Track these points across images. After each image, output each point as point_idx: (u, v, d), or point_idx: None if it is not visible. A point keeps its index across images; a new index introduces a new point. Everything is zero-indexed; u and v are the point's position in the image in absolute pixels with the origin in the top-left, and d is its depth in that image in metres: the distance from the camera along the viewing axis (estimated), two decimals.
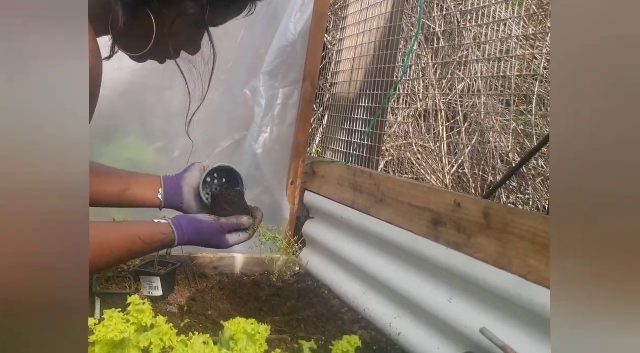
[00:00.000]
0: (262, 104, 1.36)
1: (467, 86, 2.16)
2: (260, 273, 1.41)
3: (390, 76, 1.14)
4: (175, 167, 1.47)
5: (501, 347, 0.69)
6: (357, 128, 1.25)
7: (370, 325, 1.08)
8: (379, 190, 1.10)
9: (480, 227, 0.84)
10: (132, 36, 0.75)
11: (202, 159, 1.48)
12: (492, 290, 0.79)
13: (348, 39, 1.37)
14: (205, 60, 0.84)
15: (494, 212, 0.81)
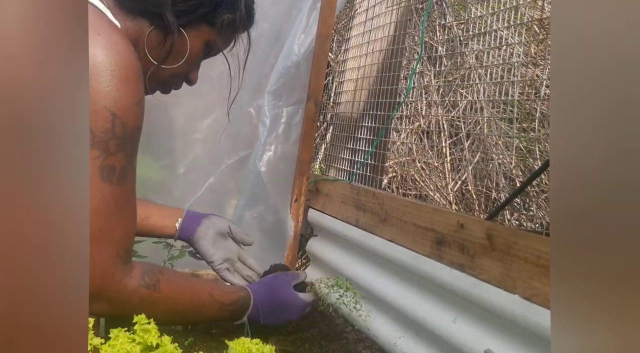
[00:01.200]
0: (266, 123, 1.38)
1: (470, 104, 2.18)
2: None
3: (393, 97, 1.16)
4: (181, 184, 1.49)
5: None
6: (360, 147, 1.26)
7: (374, 345, 1.08)
8: (382, 209, 1.11)
9: (483, 248, 0.84)
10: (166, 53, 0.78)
11: (207, 176, 1.50)
12: (497, 311, 0.79)
13: (351, 60, 1.39)
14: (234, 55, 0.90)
15: (497, 233, 0.81)
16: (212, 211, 1.54)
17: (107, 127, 0.66)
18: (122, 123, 0.67)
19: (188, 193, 1.47)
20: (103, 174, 0.66)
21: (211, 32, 0.83)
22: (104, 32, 0.67)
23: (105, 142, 0.66)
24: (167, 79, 0.86)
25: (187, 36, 0.81)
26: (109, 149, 0.67)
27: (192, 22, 0.80)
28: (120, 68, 0.66)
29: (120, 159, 0.68)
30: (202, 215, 1.05)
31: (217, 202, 1.55)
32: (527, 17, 1.37)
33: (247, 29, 0.88)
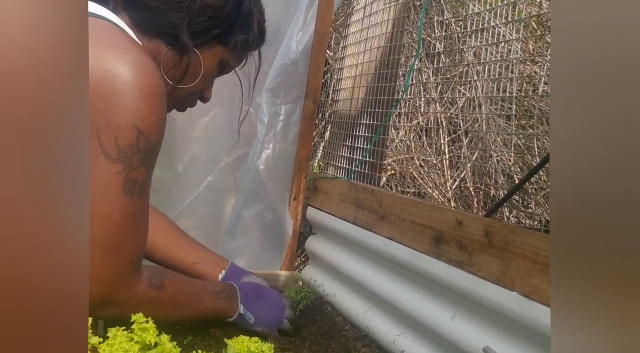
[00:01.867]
0: (264, 121, 1.38)
1: (468, 101, 2.18)
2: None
3: (391, 94, 1.16)
4: (180, 182, 1.49)
5: None
6: (359, 145, 1.26)
7: (373, 342, 1.08)
8: (381, 207, 1.11)
9: (482, 245, 0.84)
10: (182, 73, 0.81)
11: (206, 174, 1.50)
12: (496, 308, 0.79)
13: (349, 58, 1.39)
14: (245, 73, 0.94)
15: (496, 231, 0.81)
16: (211, 209, 1.54)
17: (132, 143, 0.68)
18: (146, 138, 0.70)
19: (187, 192, 1.47)
20: (126, 188, 0.69)
21: (225, 52, 0.86)
22: (132, 52, 0.69)
23: (130, 156, 0.69)
24: (183, 97, 0.89)
25: (201, 56, 0.83)
26: (133, 163, 0.69)
27: (206, 43, 0.82)
28: (148, 86, 0.69)
29: (141, 172, 0.71)
30: (243, 271, 1.13)
31: (215, 200, 1.55)
32: (525, 14, 1.36)
33: (259, 47, 0.92)
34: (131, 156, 0.69)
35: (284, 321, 1.05)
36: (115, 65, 0.67)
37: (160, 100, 0.72)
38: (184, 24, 0.78)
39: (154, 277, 0.79)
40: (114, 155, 0.67)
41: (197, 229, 1.47)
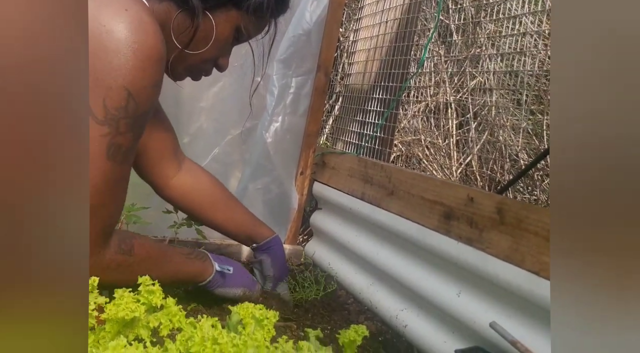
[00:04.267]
0: (274, 93, 1.36)
1: (479, 83, 2.14)
2: None
3: (405, 68, 1.13)
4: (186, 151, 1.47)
5: (511, 342, 0.69)
6: (370, 120, 1.24)
7: (376, 316, 1.08)
8: (390, 183, 1.10)
9: (493, 222, 0.83)
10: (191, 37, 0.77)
11: (212, 146, 1.48)
12: (504, 285, 0.78)
13: (364, 30, 1.36)
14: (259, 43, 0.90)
15: (508, 208, 0.80)
16: None
17: (121, 105, 0.65)
18: (136, 103, 0.66)
19: None
20: (109, 152, 0.66)
21: (240, 17, 0.81)
22: (132, 9, 0.66)
23: (117, 120, 0.65)
24: (197, 64, 0.85)
25: (214, 20, 0.79)
26: (120, 127, 0.66)
27: (220, 6, 0.78)
28: (144, 48, 0.65)
29: (127, 139, 0.68)
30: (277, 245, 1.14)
31: (221, 173, 1.54)
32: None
33: (278, 14, 0.87)
34: (118, 120, 0.65)
35: (257, 286, 1.03)
36: (111, 21, 0.63)
37: (156, 65, 0.68)
38: None
39: (123, 242, 0.77)
40: (101, 116, 0.64)
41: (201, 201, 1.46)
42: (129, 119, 0.66)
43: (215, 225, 1.10)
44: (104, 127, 0.64)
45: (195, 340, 0.68)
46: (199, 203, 1.09)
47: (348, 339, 0.81)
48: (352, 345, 0.82)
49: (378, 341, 0.98)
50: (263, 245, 1.11)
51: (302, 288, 1.18)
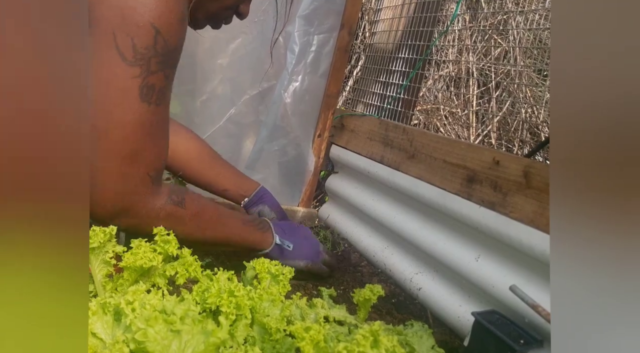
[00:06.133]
0: (295, 50, 1.31)
1: (504, 52, 2.07)
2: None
3: (434, 26, 1.08)
4: (201, 111, 1.45)
5: (532, 305, 0.68)
6: (394, 81, 1.20)
7: (389, 279, 1.08)
8: (411, 146, 1.07)
9: (518, 186, 0.81)
10: None
11: (228, 107, 1.46)
12: (526, 250, 0.77)
13: None
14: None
15: (536, 171, 0.78)
16: (232, 142, 1.52)
17: (150, 44, 0.63)
18: (165, 40, 0.64)
19: (208, 122, 1.44)
20: (142, 94, 0.64)
21: None
22: None
23: (148, 59, 0.63)
24: (217, 12, 0.82)
25: None
26: (151, 67, 0.64)
27: None
28: None
29: (160, 78, 0.65)
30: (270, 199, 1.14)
31: (237, 134, 1.52)
32: None
33: None
34: (149, 59, 0.63)
35: (324, 255, 1.01)
36: None
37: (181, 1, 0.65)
38: None
39: (174, 194, 0.76)
40: (130, 57, 0.62)
41: None
42: (159, 57, 0.64)
43: (206, 182, 1.08)
44: (134, 68, 0.62)
45: (212, 292, 0.68)
46: (187, 161, 1.07)
47: (363, 298, 0.80)
48: (366, 303, 0.81)
49: (391, 303, 0.98)
50: (254, 198, 1.11)
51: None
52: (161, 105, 0.68)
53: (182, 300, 0.67)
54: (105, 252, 0.71)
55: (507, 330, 0.69)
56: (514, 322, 0.71)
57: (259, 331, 0.65)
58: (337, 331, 0.71)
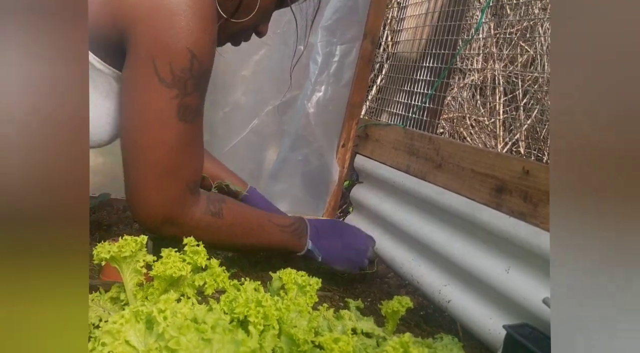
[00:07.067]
0: (317, 61, 1.32)
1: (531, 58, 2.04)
2: None
3: (458, 34, 1.08)
4: (224, 122, 1.47)
5: None
6: (419, 90, 1.20)
7: (417, 290, 1.06)
8: (438, 155, 1.06)
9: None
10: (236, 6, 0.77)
11: (251, 117, 1.48)
12: None
13: None
14: (302, 11, 0.90)
15: None
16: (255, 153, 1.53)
17: (186, 67, 0.67)
18: (200, 62, 0.68)
19: (231, 134, 1.46)
20: (180, 113, 0.69)
21: None
22: None
23: (184, 81, 0.67)
24: (238, 32, 0.85)
25: None
26: (187, 88, 0.68)
27: None
28: (201, 7, 0.66)
29: (195, 98, 0.70)
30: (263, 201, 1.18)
31: (260, 144, 1.54)
32: None
33: None
34: (185, 81, 0.67)
35: (365, 262, 1.00)
36: None
37: (212, 22, 0.69)
38: None
39: (212, 204, 0.80)
40: (169, 80, 0.66)
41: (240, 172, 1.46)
42: (195, 78, 0.68)
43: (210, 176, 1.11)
44: (172, 89, 0.67)
45: (240, 302, 0.68)
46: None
47: (391, 310, 0.79)
48: (394, 316, 0.80)
49: (419, 315, 0.96)
50: (244, 199, 1.12)
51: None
52: (196, 122, 0.73)
53: (212, 309, 0.68)
54: (136, 261, 0.72)
55: (540, 344, 0.67)
56: (548, 335, 0.69)
57: (286, 342, 0.64)
58: (365, 343, 0.70)
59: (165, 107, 0.67)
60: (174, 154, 0.71)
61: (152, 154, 0.69)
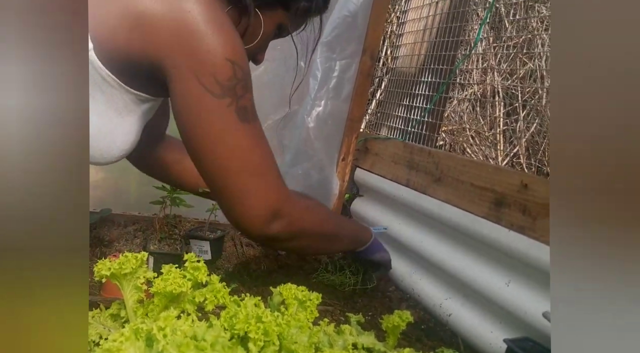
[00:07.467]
0: (317, 76, 1.34)
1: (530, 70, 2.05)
2: None
3: (456, 50, 1.09)
4: None
5: None
6: (418, 104, 1.21)
7: (418, 304, 1.06)
8: (437, 169, 1.06)
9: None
10: (240, 34, 0.80)
11: None
12: None
13: (412, 11, 1.32)
14: (303, 39, 0.93)
15: None
16: None
17: (230, 75, 0.69)
18: (241, 67, 0.71)
19: None
20: (240, 117, 0.72)
21: (285, 16, 0.84)
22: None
23: (233, 88, 0.70)
24: None
25: (262, 18, 0.81)
26: (237, 93, 0.71)
27: (268, 5, 0.81)
28: (222, 23, 0.70)
29: (248, 99, 0.73)
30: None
31: None
32: None
33: (320, 14, 0.90)
34: (234, 87, 0.70)
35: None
36: (193, 5, 0.68)
37: (235, 32, 0.72)
38: None
39: (294, 193, 0.84)
40: (218, 91, 0.69)
41: None
42: (241, 82, 0.71)
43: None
44: (225, 98, 0.70)
45: (240, 318, 0.68)
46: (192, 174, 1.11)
47: (392, 324, 0.79)
48: (395, 330, 0.80)
49: (420, 329, 0.96)
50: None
51: (342, 274, 1.16)
52: (256, 120, 0.76)
53: (211, 326, 0.68)
54: (137, 278, 0.72)
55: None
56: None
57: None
58: None
59: (225, 115, 0.70)
60: (251, 153, 0.73)
61: (235, 161, 0.72)
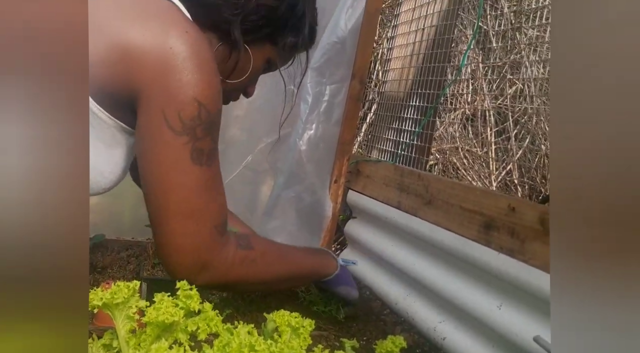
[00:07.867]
0: (308, 100, 1.36)
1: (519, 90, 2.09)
2: None
3: (443, 75, 1.12)
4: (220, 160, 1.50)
5: None
6: (407, 127, 1.23)
7: (413, 328, 1.06)
8: (427, 192, 1.08)
9: (535, 232, 0.80)
10: (230, 68, 0.82)
11: (245, 154, 1.50)
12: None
13: (400, 37, 1.35)
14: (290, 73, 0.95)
15: None
16: (249, 189, 1.55)
17: (194, 115, 0.71)
18: (207, 110, 0.72)
19: (226, 171, 1.47)
20: (193, 157, 0.72)
21: (273, 51, 0.86)
22: (191, 31, 0.72)
23: (194, 128, 0.71)
24: (228, 92, 0.90)
25: (251, 53, 0.84)
26: (197, 134, 0.72)
27: (256, 40, 0.83)
28: (207, 63, 0.72)
29: (207, 142, 0.73)
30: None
31: (254, 180, 1.56)
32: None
33: (307, 49, 0.92)
34: (194, 128, 0.71)
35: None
36: (177, 42, 0.70)
37: (216, 75, 0.74)
38: (238, 20, 0.79)
39: (240, 239, 0.82)
40: (179, 128, 0.70)
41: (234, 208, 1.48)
42: (204, 124, 0.72)
43: None
44: (183, 136, 0.71)
45: (233, 347, 0.68)
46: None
47: (385, 350, 0.79)
48: None
49: None
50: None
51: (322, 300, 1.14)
52: (212, 165, 0.75)
53: None
54: (129, 308, 0.72)
55: None
56: None
57: None
58: None
59: (179, 153, 0.71)
60: (194, 196, 0.73)
61: (173, 197, 0.72)
